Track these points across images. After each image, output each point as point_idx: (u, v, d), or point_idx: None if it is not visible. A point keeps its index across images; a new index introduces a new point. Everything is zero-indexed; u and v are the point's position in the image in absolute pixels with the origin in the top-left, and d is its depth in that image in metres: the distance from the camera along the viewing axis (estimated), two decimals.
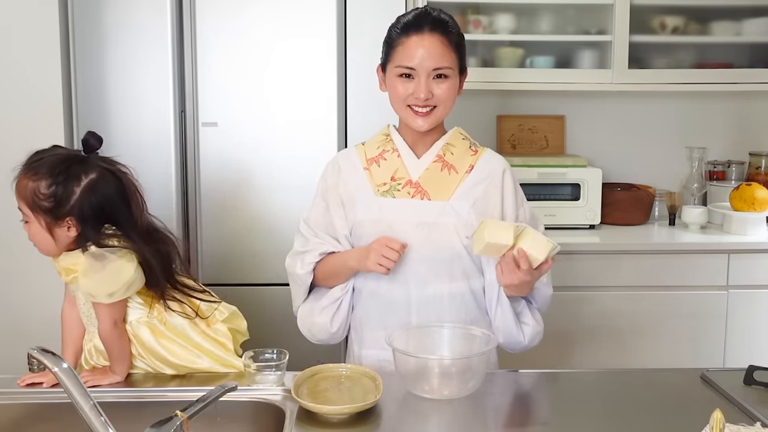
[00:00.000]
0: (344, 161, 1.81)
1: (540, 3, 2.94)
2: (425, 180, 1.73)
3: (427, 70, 1.65)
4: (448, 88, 1.68)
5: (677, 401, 1.48)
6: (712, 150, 3.29)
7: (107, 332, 1.58)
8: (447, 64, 1.66)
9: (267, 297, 2.55)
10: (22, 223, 1.58)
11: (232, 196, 2.55)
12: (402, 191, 1.72)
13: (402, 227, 1.70)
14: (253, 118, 2.53)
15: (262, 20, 2.50)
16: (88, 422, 1.12)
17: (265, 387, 1.51)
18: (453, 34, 1.69)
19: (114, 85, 2.51)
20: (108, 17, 2.48)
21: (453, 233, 1.69)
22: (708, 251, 2.81)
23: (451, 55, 1.67)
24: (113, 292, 1.54)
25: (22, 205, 1.55)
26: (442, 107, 1.69)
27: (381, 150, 1.78)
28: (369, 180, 1.75)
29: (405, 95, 1.68)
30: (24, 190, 1.53)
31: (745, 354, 2.80)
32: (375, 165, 1.76)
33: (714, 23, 3.04)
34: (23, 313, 2.54)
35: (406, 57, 1.66)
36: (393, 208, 1.72)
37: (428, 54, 1.65)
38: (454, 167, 1.74)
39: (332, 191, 1.78)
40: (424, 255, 1.69)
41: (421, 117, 1.69)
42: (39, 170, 1.52)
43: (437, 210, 1.71)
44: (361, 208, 1.74)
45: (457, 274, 1.71)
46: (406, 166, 1.74)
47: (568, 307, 2.73)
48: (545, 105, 3.28)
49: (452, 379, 1.45)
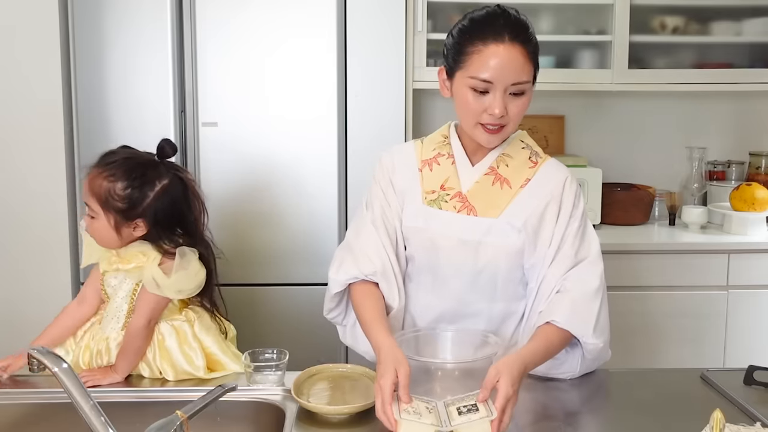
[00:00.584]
0: (400, 156, 1.68)
1: (540, 3, 2.94)
2: (473, 194, 1.59)
3: (505, 85, 1.48)
4: (523, 105, 1.52)
5: (677, 401, 1.48)
6: (712, 150, 3.29)
7: (139, 328, 1.60)
8: (526, 79, 1.50)
9: (267, 297, 2.55)
10: (85, 217, 1.62)
11: (232, 196, 2.55)
12: (449, 203, 1.60)
13: (444, 242, 1.59)
14: (253, 118, 2.53)
15: (262, 20, 2.50)
16: (88, 422, 1.12)
17: (265, 387, 1.51)
18: (533, 43, 1.52)
19: (114, 85, 2.51)
20: (108, 17, 2.48)
21: (500, 254, 1.57)
22: (708, 251, 2.81)
23: (529, 68, 1.51)
24: (184, 289, 1.60)
25: (93, 202, 1.60)
26: (512, 124, 1.54)
27: (437, 153, 1.65)
28: (420, 183, 1.63)
29: (478, 111, 1.51)
30: (99, 188, 1.58)
31: (745, 354, 2.79)
32: (428, 168, 1.64)
33: (714, 23, 3.04)
34: (23, 313, 2.54)
35: (482, 68, 1.48)
36: (438, 220, 1.60)
37: (509, 68, 1.47)
38: (507, 181, 1.59)
39: (389, 183, 1.65)
40: (465, 272, 1.60)
41: (490, 134, 1.53)
42: (116, 171, 1.59)
43: (484, 228, 1.57)
44: (408, 212, 1.63)
45: (500, 294, 1.61)
46: (458, 175, 1.61)
47: None
48: (545, 105, 3.28)
49: (454, 384, 1.41)
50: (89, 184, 1.60)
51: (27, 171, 2.55)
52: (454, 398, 1.35)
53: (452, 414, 1.29)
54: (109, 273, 1.65)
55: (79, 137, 2.52)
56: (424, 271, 1.64)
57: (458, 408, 1.30)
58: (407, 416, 1.27)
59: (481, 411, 1.28)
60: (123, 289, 1.64)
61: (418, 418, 1.27)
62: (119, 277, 1.64)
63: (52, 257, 2.55)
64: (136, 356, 1.61)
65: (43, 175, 2.55)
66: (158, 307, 1.61)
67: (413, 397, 1.32)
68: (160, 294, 1.58)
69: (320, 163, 2.54)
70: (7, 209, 2.56)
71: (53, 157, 2.55)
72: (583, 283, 1.53)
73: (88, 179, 1.61)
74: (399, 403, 1.30)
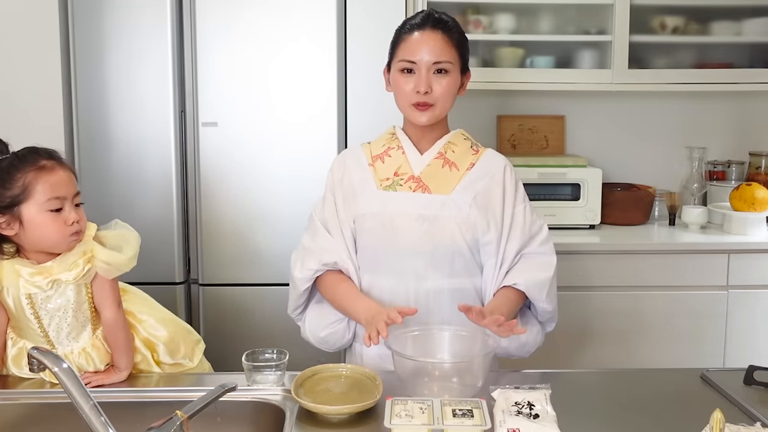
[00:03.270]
0: (351, 157, 1.85)
1: (540, 3, 2.94)
2: (426, 175, 1.75)
3: (428, 64, 1.69)
4: (448, 84, 1.71)
5: (677, 401, 1.48)
6: (712, 150, 3.29)
7: (115, 317, 1.60)
8: (447, 59, 1.70)
9: (267, 297, 2.55)
10: (76, 210, 1.55)
11: (232, 196, 2.55)
12: (404, 185, 1.75)
13: (403, 220, 1.72)
14: (253, 118, 2.53)
15: (262, 20, 2.50)
16: (88, 422, 1.12)
17: (265, 387, 1.51)
18: (454, 32, 1.73)
19: (114, 85, 2.51)
20: (108, 17, 2.48)
21: (454, 227, 1.71)
22: (708, 251, 2.81)
23: (451, 51, 1.71)
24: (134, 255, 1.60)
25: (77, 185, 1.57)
26: (441, 104, 1.72)
27: (386, 147, 1.81)
28: (373, 175, 1.78)
29: (407, 91, 1.71)
30: (72, 169, 1.57)
31: (745, 354, 2.80)
32: (380, 161, 1.80)
33: (714, 23, 3.04)
34: None
35: (407, 52, 1.71)
36: (394, 202, 1.73)
37: (429, 48, 1.69)
38: (455, 164, 1.76)
39: (338, 185, 1.81)
40: (424, 249, 1.71)
41: (421, 111, 1.71)
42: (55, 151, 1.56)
43: (438, 203, 1.72)
44: (363, 201, 1.76)
45: (458, 269, 1.72)
46: (409, 161, 1.77)
47: (568, 307, 2.72)
48: (545, 105, 3.28)
49: (452, 383, 1.43)
50: (67, 172, 1.54)
51: None
52: (452, 399, 1.35)
53: (447, 414, 1.30)
54: (37, 294, 1.54)
55: (79, 137, 2.52)
56: (380, 256, 1.73)
57: (453, 410, 1.31)
58: (398, 420, 1.27)
59: (476, 418, 1.28)
60: (72, 301, 1.57)
61: (409, 420, 1.28)
62: (65, 290, 1.56)
63: None
64: (130, 347, 1.61)
65: None
66: (117, 286, 1.62)
67: (408, 399, 1.33)
68: (119, 273, 1.59)
69: (320, 163, 2.54)
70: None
71: None
72: (540, 255, 1.76)
73: (62, 170, 1.53)
74: (392, 406, 1.31)
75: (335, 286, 1.75)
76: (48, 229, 1.50)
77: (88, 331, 1.61)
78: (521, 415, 1.30)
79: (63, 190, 1.51)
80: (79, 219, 1.53)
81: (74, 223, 1.52)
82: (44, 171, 1.50)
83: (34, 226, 1.50)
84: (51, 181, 1.50)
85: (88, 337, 1.61)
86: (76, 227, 1.53)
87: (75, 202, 1.54)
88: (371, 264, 1.75)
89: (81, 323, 1.59)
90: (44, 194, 1.49)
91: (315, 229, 1.80)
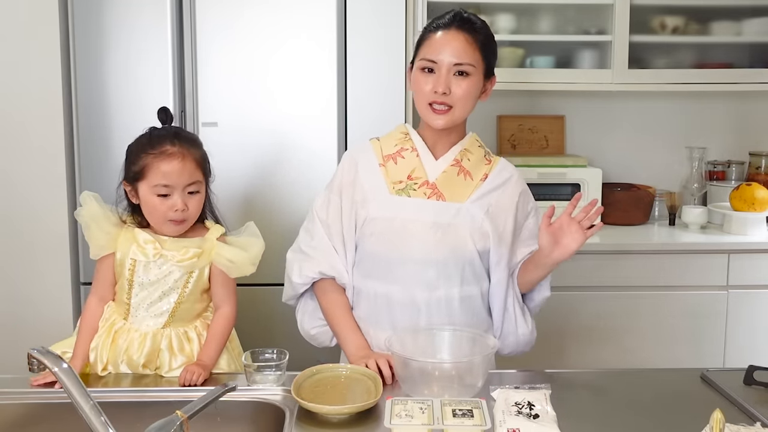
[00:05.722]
0: (361, 157, 1.78)
1: (540, 3, 2.94)
2: (442, 182, 1.71)
3: (448, 65, 1.65)
4: (468, 86, 1.66)
5: (677, 401, 1.48)
6: (712, 150, 3.29)
7: (232, 313, 1.70)
8: (469, 61, 1.65)
9: (267, 297, 2.54)
10: (189, 196, 1.65)
11: (231, 196, 2.55)
12: (418, 191, 1.70)
13: (416, 227, 1.68)
14: (254, 118, 2.53)
15: (262, 20, 2.50)
16: (88, 422, 1.12)
17: (265, 387, 1.51)
18: (480, 34, 1.68)
19: (114, 85, 2.51)
20: (108, 17, 2.48)
21: (467, 236, 1.68)
22: (708, 251, 2.81)
23: (474, 54, 1.66)
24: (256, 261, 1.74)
25: (200, 175, 1.68)
26: (459, 107, 1.67)
27: (399, 147, 1.75)
28: (384, 177, 1.73)
29: (425, 90, 1.66)
30: (199, 160, 1.68)
31: (745, 354, 2.80)
32: (392, 162, 1.74)
33: (714, 23, 3.04)
34: (23, 313, 2.53)
35: (429, 51, 1.67)
36: (408, 207, 1.69)
37: (451, 48, 1.64)
38: (470, 174, 1.73)
39: (347, 188, 1.75)
40: (437, 257, 1.67)
41: (438, 114, 1.67)
42: (195, 140, 1.71)
43: (453, 211, 1.69)
44: (374, 205, 1.71)
45: (468, 277, 1.70)
46: (424, 166, 1.72)
47: (568, 306, 2.73)
48: (545, 105, 3.28)
49: (452, 383, 1.42)
50: (184, 162, 1.63)
51: (27, 171, 2.55)
52: (452, 399, 1.35)
53: (447, 413, 1.30)
54: (141, 262, 1.65)
55: (79, 137, 2.52)
56: (389, 263, 1.69)
57: (453, 410, 1.31)
58: (398, 420, 1.28)
59: (476, 418, 1.28)
60: (167, 281, 1.65)
61: (409, 420, 1.28)
62: (163, 267, 1.65)
63: (52, 257, 2.55)
64: (224, 345, 1.69)
65: (44, 175, 2.55)
66: (235, 287, 1.73)
67: (408, 399, 1.33)
68: (240, 274, 1.69)
69: (320, 163, 2.54)
70: (7, 209, 2.55)
71: (53, 157, 2.55)
72: None
73: (179, 159, 1.62)
74: (392, 407, 1.31)
75: (333, 304, 1.75)
76: (152, 209, 1.64)
77: (163, 318, 1.67)
78: (521, 415, 1.30)
79: (173, 179, 1.62)
80: (185, 208, 1.63)
81: (177, 211, 1.62)
82: (161, 157, 1.62)
83: (144, 203, 1.66)
84: (163, 169, 1.62)
85: (156, 323, 1.67)
86: (180, 215, 1.63)
87: (189, 190, 1.64)
88: (377, 271, 1.71)
89: (164, 309, 1.67)
90: (155, 179, 1.63)
91: (315, 229, 1.77)
